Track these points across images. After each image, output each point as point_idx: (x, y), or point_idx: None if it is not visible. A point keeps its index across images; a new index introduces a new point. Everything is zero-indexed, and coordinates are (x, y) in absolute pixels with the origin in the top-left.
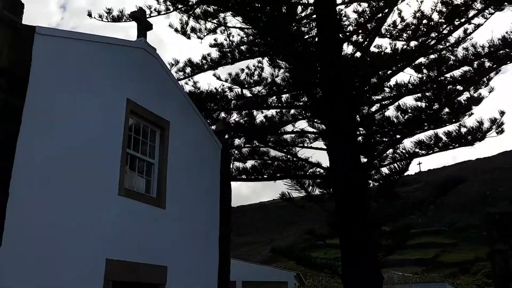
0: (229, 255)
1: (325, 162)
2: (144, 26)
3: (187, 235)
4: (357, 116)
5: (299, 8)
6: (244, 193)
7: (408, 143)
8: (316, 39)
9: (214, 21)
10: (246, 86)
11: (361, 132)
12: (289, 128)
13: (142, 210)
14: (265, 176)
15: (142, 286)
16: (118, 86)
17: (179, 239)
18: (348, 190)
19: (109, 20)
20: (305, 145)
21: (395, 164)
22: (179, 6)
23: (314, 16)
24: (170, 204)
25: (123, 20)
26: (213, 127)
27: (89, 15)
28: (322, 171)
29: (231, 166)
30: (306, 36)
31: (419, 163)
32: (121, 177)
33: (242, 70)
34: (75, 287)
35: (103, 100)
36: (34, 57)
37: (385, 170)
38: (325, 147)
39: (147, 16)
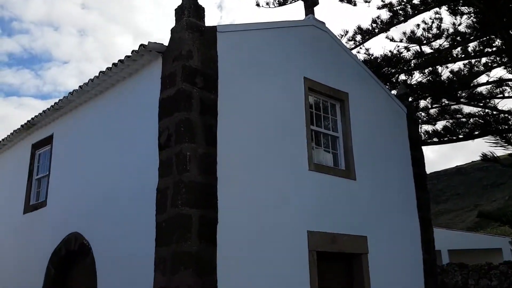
0: (430, 222)
1: None
2: (310, 3)
3: (382, 204)
4: None
5: None
6: (431, 158)
7: None
8: None
9: None
10: (425, 42)
11: None
12: (482, 79)
13: (333, 183)
14: (460, 136)
15: (344, 256)
16: (294, 66)
17: (375, 209)
18: None
19: (275, 5)
20: (506, 95)
21: None
22: None
23: None
24: (360, 175)
25: (288, 2)
26: (394, 91)
27: (257, 4)
28: None
29: (420, 130)
30: None
31: None
32: (309, 153)
33: (418, 25)
34: (283, 257)
35: (282, 82)
36: (219, 53)
37: None
38: None
39: None
